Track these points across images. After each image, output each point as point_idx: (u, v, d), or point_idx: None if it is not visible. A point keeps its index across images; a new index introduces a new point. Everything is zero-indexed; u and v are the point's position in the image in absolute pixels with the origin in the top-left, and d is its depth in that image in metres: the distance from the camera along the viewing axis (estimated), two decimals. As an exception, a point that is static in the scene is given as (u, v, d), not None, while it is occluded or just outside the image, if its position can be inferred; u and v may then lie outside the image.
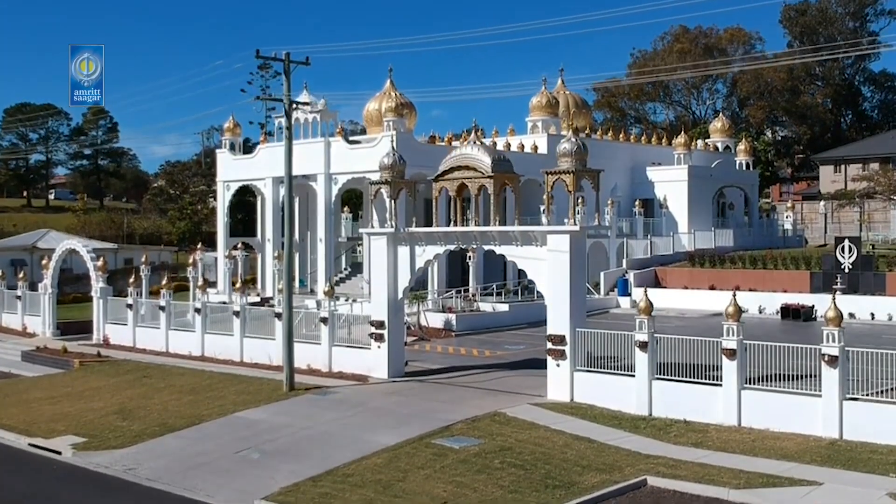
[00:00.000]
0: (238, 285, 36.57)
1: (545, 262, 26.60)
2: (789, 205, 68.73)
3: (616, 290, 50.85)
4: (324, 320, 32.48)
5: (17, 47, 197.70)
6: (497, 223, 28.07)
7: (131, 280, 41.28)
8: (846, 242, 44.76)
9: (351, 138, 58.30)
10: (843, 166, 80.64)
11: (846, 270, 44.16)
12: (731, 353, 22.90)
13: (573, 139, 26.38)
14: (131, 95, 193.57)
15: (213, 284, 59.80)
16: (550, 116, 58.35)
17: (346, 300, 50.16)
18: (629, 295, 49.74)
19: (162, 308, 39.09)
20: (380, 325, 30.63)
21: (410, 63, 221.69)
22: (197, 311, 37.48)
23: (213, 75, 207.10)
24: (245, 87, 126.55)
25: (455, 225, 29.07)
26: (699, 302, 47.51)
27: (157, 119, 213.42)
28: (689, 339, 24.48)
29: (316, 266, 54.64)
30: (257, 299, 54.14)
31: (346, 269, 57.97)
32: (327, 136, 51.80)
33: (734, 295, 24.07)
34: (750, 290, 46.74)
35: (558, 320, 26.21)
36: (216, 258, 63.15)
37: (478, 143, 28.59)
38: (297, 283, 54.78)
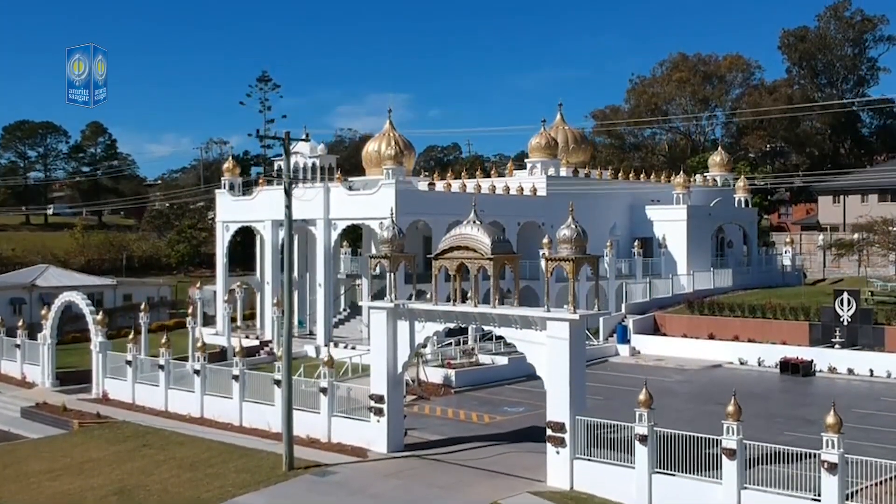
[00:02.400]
0: (238, 349, 36.48)
1: (544, 347, 26.63)
2: (788, 239, 68.84)
3: (615, 335, 50.86)
4: (323, 391, 32.43)
5: (16, 61, 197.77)
6: (496, 302, 28.10)
7: (130, 337, 41.21)
8: (845, 295, 44.79)
9: (350, 179, 58.40)
10: (841, 197, 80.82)
11: (845, 323, 44.21)
12: (731, 453, 22.92)
13: (573, 225, 26.38)
14: (130, 95, 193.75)
15: (213, 319, 59.88)
16: (549, 158, 58.40)
17: (346, 346, 50.32)
18: (628, 342, 49.81)
19: (161, 367, 38.99)
20: (379, 399, 30.64)
21: (410, 61, 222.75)
22: (196, 372, 37.42)
23: (212, 76, 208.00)
24: (244, 100, 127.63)
25: (454, 303, 29.07)
26: (698, 351, 47.65)
27: (156, 118, 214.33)
28: (689, 436, 24.40)
29: (315, 308, 54.65)
30: (256, 342, 54.34)
31: (344, 309, 57.94)
32: (326, 182, 51.77)
33: (734, 394, 23.95)
34: (749, 340, 46.87)
35: (558, 407, 26.23)
36: (215, 291, 63.10)
37: (477, 222, 28.59)
38: (296, 324, 54.95)
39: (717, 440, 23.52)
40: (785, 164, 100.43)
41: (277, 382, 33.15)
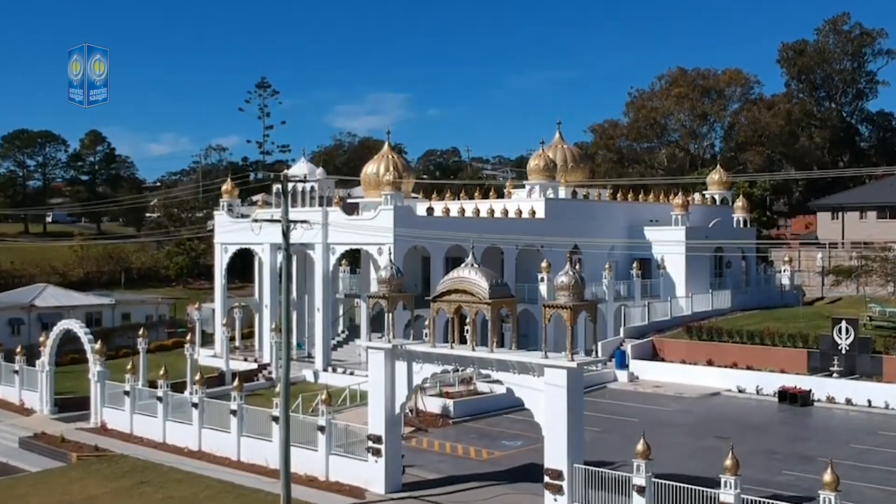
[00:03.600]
0: (237, 383, 36.43)
1: (542, 394, 26.63)
2: (787, 258, 68.82)
3: (613, 360, 50.77)
4: (321, 429, 32.43)
5: (15, 69, 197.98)
6: (494, 346, 28.11)
7: (129, 367, 41.15)
8: (843, 323, 44.76)
9: (349, 201, 58.42)
10: (840, 213, 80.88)
11: (843, 352, 44.19)
12: (728, 509, 22.94)
13: (570, 272, 26.39)
14: (129, 95, 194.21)
15: (211, 338, 59.84)
16: (548, 180, 58.48)
17: (344, 371, 50.35)
18: (627, 367, 49.77)
19: (159, 398, 38.95)
20: (377, 439, 30.64)
21: (409, 61, 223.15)
22: (194, 405, 37.38)
23: (211, 74, 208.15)
24: (243, 106, 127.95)
25: (452, 345, 29.06)
26: (697, 378, 47.62)
27: (154, 117, 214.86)
28: (688, 488, 24.38)
29: (314, 330, 54.59)
30: (254, 365, 54.32)
31: (343, 331, 57.97)
32: (325, 207, 51.81)
33: (732, 447, 23.90)
34: (748, 367, 46.81)
35: (556, 454, 26.24)
36: (213, 310, 63.04)
37: (475, 265, 28.59)
38: (294, 347, 54.90)
39: (715, 493, 23.49)
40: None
41: (275, 419, 33.13)
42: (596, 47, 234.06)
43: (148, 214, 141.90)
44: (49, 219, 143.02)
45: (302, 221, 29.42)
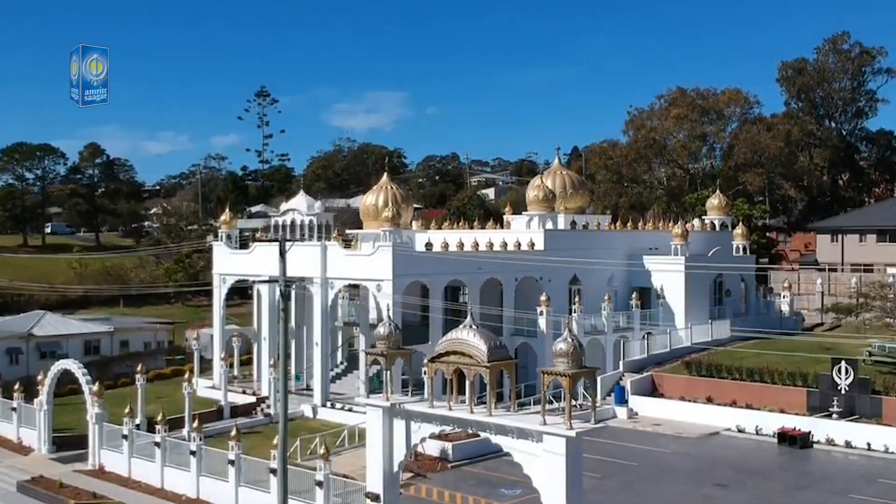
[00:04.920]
0: (235, 432, 36.32)
1: (541, 460, 26.50)
2: (786, 284, 68.71)
3: (613, 395, 50.65)
4: (319, 483, 32.38)
5: (14, 80, 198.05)
6: (494, 407, 28.00)
7: (126, 411, 41.03)
8: (843, 364, 44.68)
9: (348, 231, 58.28)
10: (840, 236, 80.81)
11: (842, 392, 44.10)
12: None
13: (569, 338, 26.26)
14: (127, 94, 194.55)
15: (210, 364, 59.74)
16: (547, 211, 58.36)
17: (343, 407, 50.25)
18: (626, 403, 49.65)
19: (157, 444, 38.85)
20: (375, 497, 30.48)
21: (408, 60, 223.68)
22: (192, 453, 37.28)
23: (210, 72, 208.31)
24: (242, 115, 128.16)
25: (451, 407, 28.92)
26: (696, 415, 47.56)
27: (153, 115, 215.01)
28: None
29: (312, 362, 54.45)
30: (252, 399, 54.21)
31: (341, 362, 57.81)
32: (324, 241, 51.68)
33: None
34: (747, 405, 46.75)
35: (555, 523, 26.09)
36: (212, 336, 62.93)
37: (473, 326, 28.45)
38: (292, 379, 54.80)
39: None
40: (783, 197, 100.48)
41: (273, 471, 33.04)
42: (598, 49, 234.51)
43: (147, 223, 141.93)
44: (48, 230, 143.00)
45: (300, 279, 29.26)
